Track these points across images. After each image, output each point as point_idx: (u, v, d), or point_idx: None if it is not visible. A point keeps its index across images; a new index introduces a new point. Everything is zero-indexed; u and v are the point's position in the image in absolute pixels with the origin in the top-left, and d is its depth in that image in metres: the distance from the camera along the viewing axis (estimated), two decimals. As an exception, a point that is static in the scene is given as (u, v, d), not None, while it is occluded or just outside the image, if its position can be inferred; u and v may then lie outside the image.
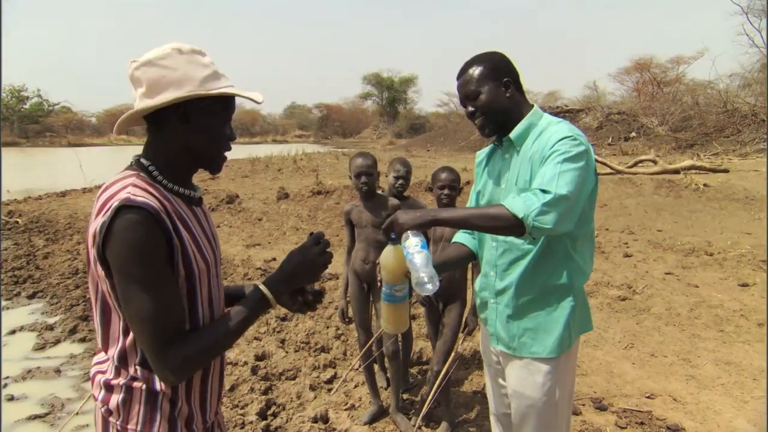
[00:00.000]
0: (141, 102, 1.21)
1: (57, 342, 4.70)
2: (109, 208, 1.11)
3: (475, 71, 1.77)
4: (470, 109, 1.79)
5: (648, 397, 3.48)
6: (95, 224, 1.12)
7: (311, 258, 1.30)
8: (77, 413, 3.38)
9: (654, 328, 4.65)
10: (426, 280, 1.56)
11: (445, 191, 2.91)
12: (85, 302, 5.58)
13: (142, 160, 1.25)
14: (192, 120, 1.21)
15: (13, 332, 4.92)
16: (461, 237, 2.08)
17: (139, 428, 1.22)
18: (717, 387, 3.62)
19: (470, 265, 3.04)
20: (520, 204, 1.54)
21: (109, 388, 1.24)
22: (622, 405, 3.38)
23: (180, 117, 1.20)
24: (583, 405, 3.39)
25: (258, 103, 1.28)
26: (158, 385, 1.21)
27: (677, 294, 5.45)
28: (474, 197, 2.02)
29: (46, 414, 3.52)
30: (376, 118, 64.80)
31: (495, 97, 1.76)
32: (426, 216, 1.65)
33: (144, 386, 1.21)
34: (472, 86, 1.77)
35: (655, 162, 12.73)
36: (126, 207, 1.10)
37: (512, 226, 1.56)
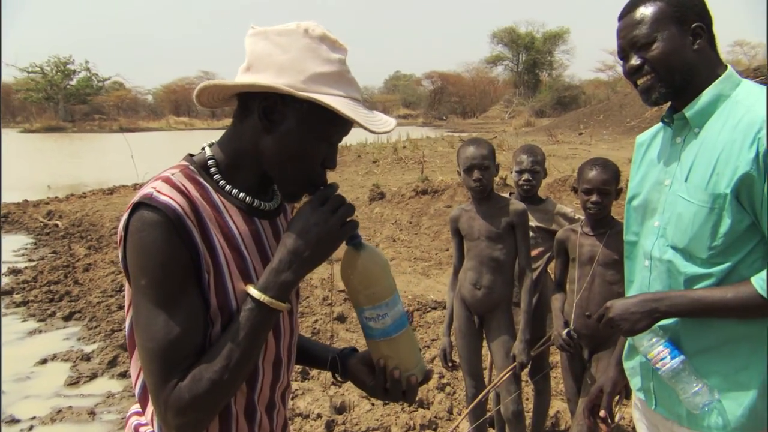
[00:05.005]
0: (238, 77, 1.27)
1: (93, 376, 5.14)
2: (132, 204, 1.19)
3: (650, 8, 1.69)
4: (635, 61, 1.71)
5: None
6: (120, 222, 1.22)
7: (317, 221, 1.22)
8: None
9: None
10: (698, 401, 1.65)
11: (593, 198, 2.78)
12: (127, 327, 6.04)
13: (206, 149, 1.34)
14: (275, 119, 1.25)
15: (44, 361, 5.45)
16: None
17: None
18: None
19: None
20: None
21: None
22: None
23: (263, 110, 1.25)
24: None
25: (374, 133, 1.27)
26: None
27: None
28: (628, 206, 1.95)
29: (76, 466, 3.85)
30: (509, 90, 64.37)
31: (676, 48, 1.67)
32: (647, 310, 1.68)
33: None
34: (645, 28, 1.68)
35: None
36: (144, 205, 1.16)
37: None
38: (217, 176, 1.29)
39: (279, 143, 1.26)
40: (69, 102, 63.23)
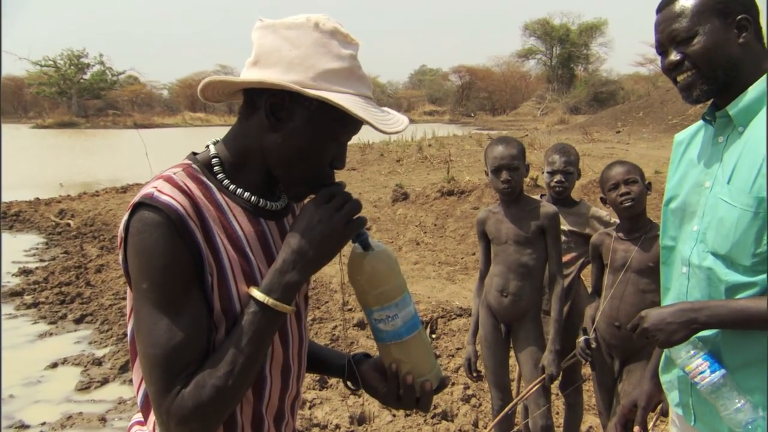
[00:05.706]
0: (244, 71, 1.29)
1: (104, 382, 5.21)
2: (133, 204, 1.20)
3: (690, 0, 1.68)
4: (675, 57, 1.71)
5: None
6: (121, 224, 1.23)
7: (321, 219, 1.23)
8: (121, 476, 3.71)
9: None
10: (741, 418, 1.62)
11: (621, 190, 2.80)
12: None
13: (210, 147, 1.35)
14: (282, 117, 1.26)
15: (54, 365, 5.54)
16: None
17: None
18: None
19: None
20: None
21: None
22: None
23: (270, 107, 1.26)
24: None
25: (385, 133, 1.28)
26: None
27: None
28: (665, 209, 1.93)
29: (86, 474, 3.91)
30: (541, 86, 63.96)
31: (719, 42, 1.66)
32: (685, 320, 1.67)
33: None
34: (685, 21, 1.68)
35: None
36: (145, 205, 1.17)
37: None
38: (220, 175, 1.31)
39: (286, 142, 1.27)
40: (82, 97, 63.89)
